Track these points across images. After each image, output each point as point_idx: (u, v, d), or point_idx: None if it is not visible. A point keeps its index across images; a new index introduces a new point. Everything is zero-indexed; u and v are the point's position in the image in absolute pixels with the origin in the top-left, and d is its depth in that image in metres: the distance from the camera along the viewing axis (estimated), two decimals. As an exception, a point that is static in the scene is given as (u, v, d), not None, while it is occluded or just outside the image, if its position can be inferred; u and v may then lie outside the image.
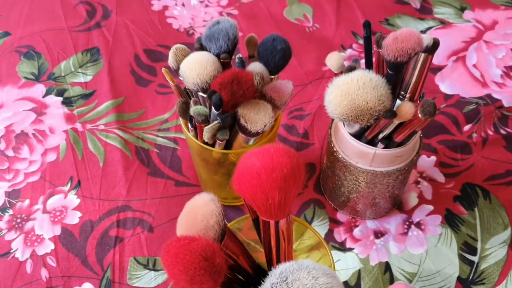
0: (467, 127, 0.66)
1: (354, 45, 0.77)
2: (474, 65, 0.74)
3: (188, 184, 0.61)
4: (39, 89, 0.72)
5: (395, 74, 0.44)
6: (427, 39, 0.45)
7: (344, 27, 0.80)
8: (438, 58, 0.75)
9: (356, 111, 0.43)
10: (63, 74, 0.73)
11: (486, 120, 0.67)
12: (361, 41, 0.78)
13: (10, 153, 0.65)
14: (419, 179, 0.61)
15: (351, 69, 0.45)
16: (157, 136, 0.66)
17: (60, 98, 0.70)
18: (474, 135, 0.65)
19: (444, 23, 0.80)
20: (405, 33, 0.42)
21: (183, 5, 0.85)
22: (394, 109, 0.46)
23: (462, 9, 0.82)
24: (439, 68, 0.73)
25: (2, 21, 0.82)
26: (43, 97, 0.71)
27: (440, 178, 0.61)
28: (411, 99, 0.48)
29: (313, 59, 0.75)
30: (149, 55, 0.76)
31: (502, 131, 0.65)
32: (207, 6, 0.85)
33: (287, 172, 0.33)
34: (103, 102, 0.69)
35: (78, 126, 0.67)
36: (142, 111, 0.69)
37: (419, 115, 0.43)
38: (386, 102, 0.43)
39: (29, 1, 0.85)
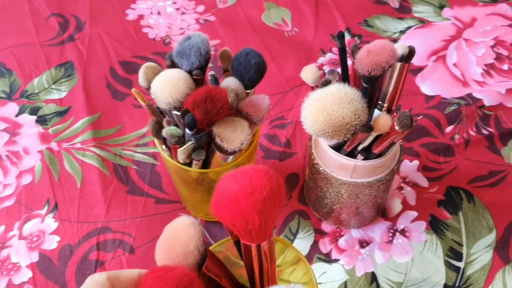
0: (449, 129, 0.65)
1: (334, 49, 0.76)
2: (455, 64, 0.73)
3: (169, 201, 0.60)
4: (11, 108, 0.70)
5: (370, 87, 0.43)
6: (402, 48, 0.45)
7: (323, 30, 0.79)
8: (418, 59, 0.74)
9: (333, 127, 0.41)
10: (36, 91, 0.71)
11: (468, 121, 0.66)
12: (340, 44, 0.77)
13: (-15, 176, 0.63)
14: (402, 184, 0.60)
15: (326, 83, 0.44)
16: (135, 152, 0.64)
17: (34, 117, 0.68)
18: (457, 136, 0.65)
19: (423, 22, 0.79)
20: (378, 46, 0.41)
21: (159, 13, 0.83)
22: (372, 119, 0.45)
23: (441, 7, 0.82)
24: (420, 69, 0.73)
25: (-29, 37, 0.80)
26: (16, 116, 0.69)
27: (424, 182, 0.60)
28: (389, 109, 0.47)
29: (293, 64, 0.74)
30: (125, 67, 0.74)
31: (484, 131, 0.65)
32: (183, 13, 0.83)
33: (266, 194, 0.32)
34: (79, 119, 0.68)
35: (54, 145, 0.65)
36: (119, 126, 0.67)
37: (396, 128, 0.42)
38: (362, 116, 0.42)
39: (-2, 16, 0.83)
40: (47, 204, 0.60)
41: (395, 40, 0.76)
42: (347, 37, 0.77)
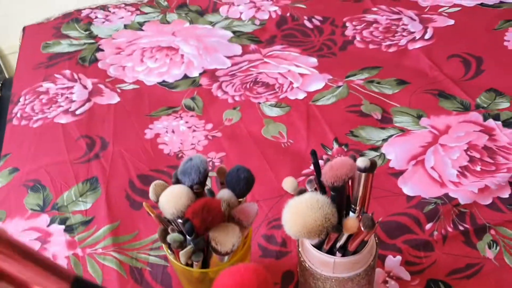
0: (428, 226, 0.73)
1: (324, 156, 0.86)
2: (432, 167, 0.82)
3: (177, 299, 0.67)
4: (44, 219, 0.80)
5: (336, 195, 0.52)
6: (365, 161, 0.54)
7: (314, 141, 0.90)
8: (399, 163, 0.83)
9: (307, 229, 0.50)
10: (65, 204, 0.82)
11: (446, 218, 0.73)
12: (330, 152, 0.87)
13: (17, 281, 0.72)
14: (387, 278, 0.67)
15: (301, 192, 0.54)
16: (149, 255, 0.73)
17: (63, 226, 0.78)
18: (435, 233, 0.72)
19: (403, 131, 0.90)
20: (339, 162, 0.50)
21: (173, 131, 0.96)
22: (345, 221, 0.53)
23: (419, 117, 0.93)
24: (401, 172, 0.82)
25: (12, 158, 0.93)
26: (48, 226, 0.79)
27: (406, 276, 0.67)
28: (362, 211, 0.56)
29: (288, 172, 0.84)
30: (142, 180, 0.85)
31: (460, 227, 0.72)
32: (194, 130, 0.96)
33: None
34: (101, 227, 0.77)
35: (79, 251, 0.74)
36: (136, 232, 0.77)
37: (362, 228, 0.51)
38: (332, 219, 0.51)
39: (36, 139, 0.97)
40: (70, 305, 0.67)
41: (378, 148, 0.87)
42: (335, 146, 0.88)
